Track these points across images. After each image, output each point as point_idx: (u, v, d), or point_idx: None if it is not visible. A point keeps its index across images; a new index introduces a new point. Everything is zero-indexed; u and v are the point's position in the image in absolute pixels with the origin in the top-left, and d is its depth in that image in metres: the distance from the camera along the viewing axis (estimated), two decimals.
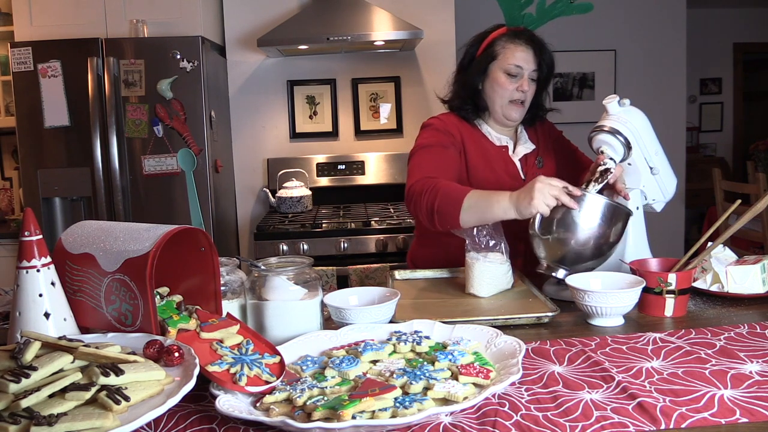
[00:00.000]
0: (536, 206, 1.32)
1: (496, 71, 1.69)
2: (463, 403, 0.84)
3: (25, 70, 2.87)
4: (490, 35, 1.74)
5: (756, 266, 1.37)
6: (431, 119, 1.78)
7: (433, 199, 1.49)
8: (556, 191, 1.33)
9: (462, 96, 1.76)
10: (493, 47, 1.71)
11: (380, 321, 1.19)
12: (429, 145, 1.68)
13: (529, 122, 1.82)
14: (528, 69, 1.68)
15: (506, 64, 1.68)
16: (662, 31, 4.38)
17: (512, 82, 1.68)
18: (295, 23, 3.13)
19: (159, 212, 2.93)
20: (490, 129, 1.78)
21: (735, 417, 0.83)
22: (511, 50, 1.68)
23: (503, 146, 1.77)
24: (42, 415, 0.74)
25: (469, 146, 1.72)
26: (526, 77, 1.68)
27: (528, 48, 1.68)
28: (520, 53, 1.67)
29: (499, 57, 1.69)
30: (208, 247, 1.09)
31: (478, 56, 1.74)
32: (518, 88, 1.68)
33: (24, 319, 1.01)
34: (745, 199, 1.90)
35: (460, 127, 1.74)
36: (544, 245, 1.41)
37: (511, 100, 1.69)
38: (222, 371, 0.92)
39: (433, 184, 1.51)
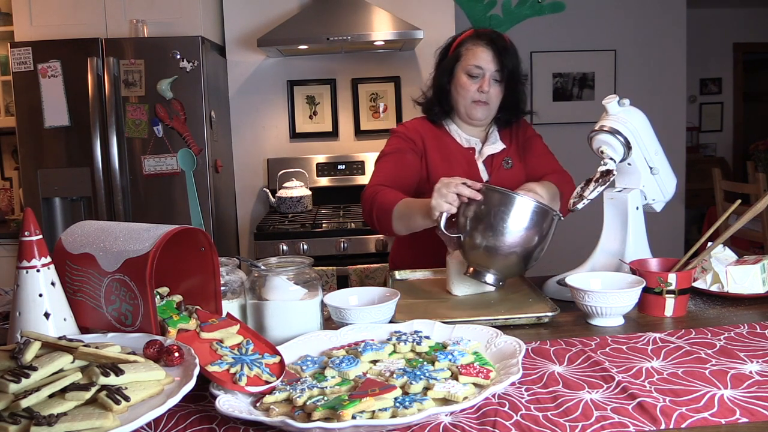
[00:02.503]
0: (436, 207, 1.36)
1: (459, 72, 1.73)
2: (463, 403, 0.84)
3: (25, 70, 2.87)
4: (459, 37, 1.77)
5: (756, 266, 1.37)
6: (398, 126, 1.84)
7: (371, 208, 1.63)
8: (454, 188, 1.34)
9: (431, 98, 1.81)
10: (458, 49, 1.75)
11: (380, 321, 1.19)
12: (389, 152, 1.77)
13: (503, 124, 1.82)
14: (489, 69, 1.69)
15: (467, 65, 1.71)
16: (662, 31, 4.38)
17: (473, 82, 1.71)
18: (295, 23, 3.13)
19: (159, 212, 2.93)
20: (460, 130, 1.80)
21: (735, 417, 0.83)
22: (472, 51, 1.71)
23: (470, 148, 1.78)
24: (42, 415, 0.74)
25: (431, 150, 1.76)
26: (487, 78, 1.70)
27: (488, 49, 1.69)
28: (481, 54, 1.70)
29: (462, 58, 1.73)
30: (208, 247, 1.09)
31: (447, 58, 1.78)
32: (479, 88, 1.70)
33: (24, 319, 1.01)
34: (745, 199, 1.90)
35: (424, 132, 1.79)
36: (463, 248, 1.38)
37: (474, 100, 1.72)
38: (222, 371, 0.92)
39: (374, 194, 1.63)
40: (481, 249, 1.33)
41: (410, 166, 1.75)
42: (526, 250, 1.32)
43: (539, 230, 1.32)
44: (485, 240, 1.31)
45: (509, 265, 1.34)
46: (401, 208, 1.55)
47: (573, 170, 1.90)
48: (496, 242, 1.31)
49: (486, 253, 1.33)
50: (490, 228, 1.31)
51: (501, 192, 1.33)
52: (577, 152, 3.21)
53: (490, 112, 1.76)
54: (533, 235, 1.31)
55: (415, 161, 1.75)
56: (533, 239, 1.31)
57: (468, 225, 1.34)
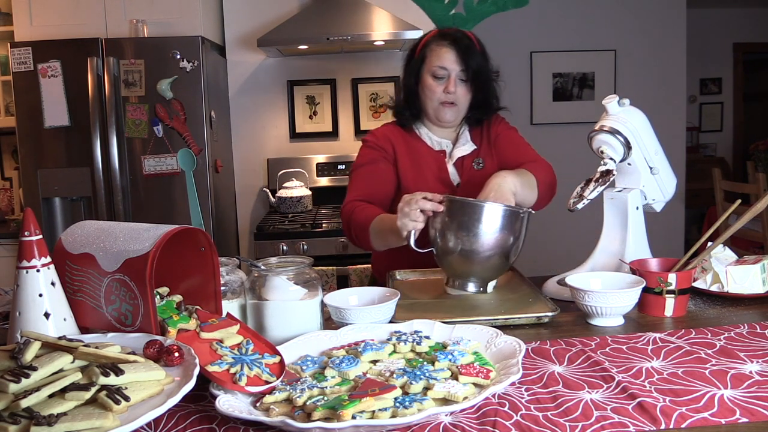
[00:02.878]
0: (402, 227, 1.36)
1: (425, 74, 1.71)
2: (463, 403, 0.84)
3: (25, 70, 2.87)
4: (424, 38, 1.75)
5: (756, 266, 1.37)
6: (368, 135, 1.83)
7: (349, 226, 1.65)
8: (415, 204, 1.34)
9: (402, 101, 1.79)
10: (423, 50, 1.72)
11: (380, 321, 1.19)
12: (362, 164, 1.76)
13: (474, 122, 1.80)
14: (454, 70, 1.67)
15: (432, 66, 1.69)
16: (662, 31, 4.39)
17: (439, 84, 1.69)
18: (295, 23, 3.13)
19: (159, 212, 2.93)
20: (431, 133, 1.78)
21: (735, 417, 0.83)
22: (436, 52, 1.69)
23: (441, 151, 1.76)
24: (42, 415, 0.74)
25: (401, 157, 1.75)
26: (452, 78, 1.68)
27: (452, 49, 1.67)
28: (445, 54, 1.67)
29: (426, 59, 1.71)
30: (208, 247, 1.09)
31: (413, 59, 1.76)
32: (445, 89, 1.68)
33: (24, 319, 1.01)
34: (745, 199, 1.90)
35: (394, 139, 1.77)
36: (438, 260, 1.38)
37: (441, 101, 1.70)
38: (222, 371, 0.92)
39: (351, 211, 1.64)
40: (456, 260, 1.33)
41: (384, 176, 1.73)
42: (502, 253, 1.31)
43: (511, 232, 1.31)
44: (457, 251, 1.31)
45: (487, 270, 1.34)
46: (376, 226, 1.56)
47: (573, 170, 1.90)
48: (469, 252, 1.30)
49: (461, 264, 1.33)
50: (460, 239, 1.30)
51: (464, 202, 1.31)
52: (577, 152, 3.21)
53: (459, 112, 1.74)
54: (506, 238, 1.30)
55: (388, 170, 1.74)
56: (507, 241, 1.31)
57: (438, 238, 1.34)
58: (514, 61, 4.37)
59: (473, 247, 1.29)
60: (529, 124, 4.46)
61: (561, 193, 1.74)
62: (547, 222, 4.29)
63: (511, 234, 1.30)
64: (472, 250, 1.29)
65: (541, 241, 4.22)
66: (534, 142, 1.82)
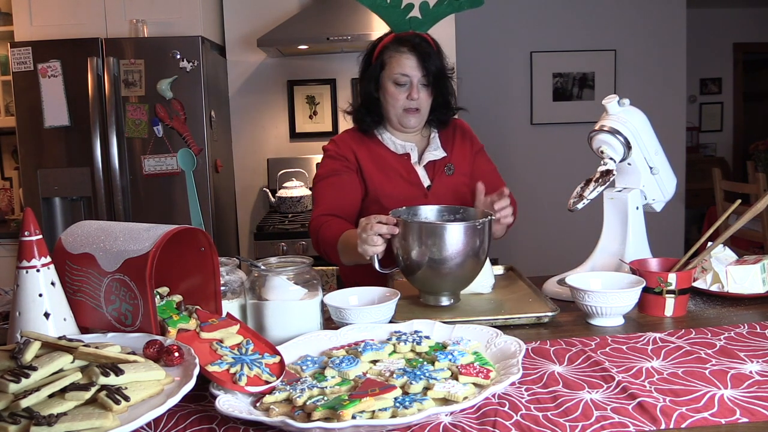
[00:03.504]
0: (364, 252, 1.36)
1: (386, 81, 1.69)
2: (463, 403, 0.84)
3: (25, 70, 2.87)
4: (381, 43, 1.72)
5: (756, 266, 1.37)
6: (328, 144, 1.81)
7: (317, 242, 1.66)
8: (371, 230, 1.33)
9: (361, 107, 1.77)
10: (381, 56, 1.70)
11: (380, 321, 1.19)
12: (325, 175, 1.74)
13: (440, 125, 1.79)
14: (416, 76, 1.66)
15: (393, 73, 1.67)
16: (662, 31, 4.38)
17: (402, 91, 1.67)
18: (295, 23, 3.13)
19: (159, 212, 2.93)
20: (393, 138, 1.76)
21: (735, 417, 0.83)
22: (396, 59, 1.67)
23: (405, 154, 1.75)
24: (42, 415, 0.74)
25: (365, 163, 1.73)
26: (415, 84, 1.66)
27: (412, 55, 1.65)
28: (405, 61, 1.65)
29: (387, 67, 1.69)
30: (208, 247, 1.09)
31: (371, 65, 1.73)
32: (408, 96, 1.67)
33: (24, 319, 1.01)
34: (745, 199, 1.90)
35: (355, 146, 1.76)
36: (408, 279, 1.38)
37: (405, 108, 1.69)
38: (222, 371, 0.92)
39: (318, 227, 1.64)
40: (423, 278, 1.32)
41: (349, 186, 1.71)
42: (468, 263, 1.29)
43: (473, 243, 1.28)
44: (423, 268, 1.30)
45: (456, 281, 1.33)
46: (342, 244, 1.56)
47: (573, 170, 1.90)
48: (435, 270, 1.29)
49: (430, 281, 1.33)
50: (423, 258, 1.29)
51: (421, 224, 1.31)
52: (577, 152, 3.21)
53: (423, 117, 1.72)
54: (469, 251, 1.28)
55: (352, 180, 1.72)
56: (471, 253, 1.28)
57: (401, 259, 1.33)
58: (514, 61, 4.37)
59: (438, 266, 1.28)
60: (529, 124, 4.46)
61: (561, 193, 1.73)
62: (547, 222, 4.30)
63: (473, 245, 1.28)
64: (437, 268, 1.28)
65: (541, 241, 4.23)
66: (534, 142, 1.82)
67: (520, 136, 4.44)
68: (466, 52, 4.00)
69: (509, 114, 4.44)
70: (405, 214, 1.42)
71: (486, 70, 4.31)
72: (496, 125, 4.37)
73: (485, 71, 4.31)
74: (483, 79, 4.30)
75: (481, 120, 4.41)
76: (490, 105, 4.36)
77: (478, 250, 1.30)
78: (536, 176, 4.40)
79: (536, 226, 4.19)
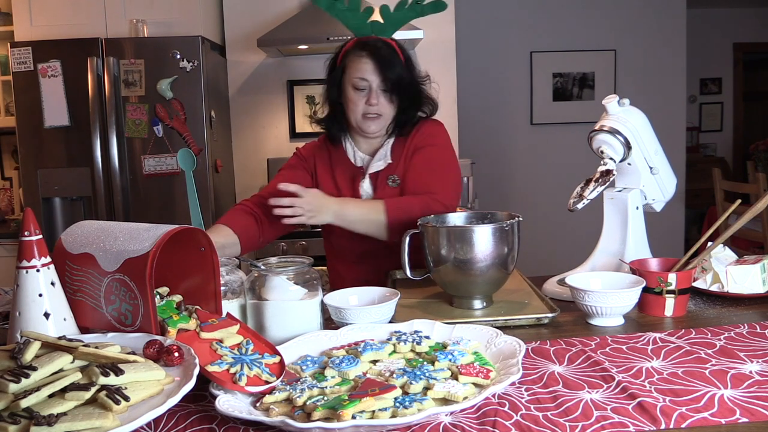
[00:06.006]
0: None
1: (346, 86, 1.66)
2: (463, 403, 0.84)
3: (25, 70, 2.87)
4: (344, 47, 1.70)
5: (756, 266, 1.37)
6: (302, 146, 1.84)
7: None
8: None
9: (327, 115, 1.75)
10: (344, 61, 1.68)
11: (380, 321, 1.19)
12: (283, 168, 1.79)
13: (399, 131, 1.72)
14: (374, 81, 1.63)
15: (352, 77, 1.64)
16: (662, 31, 4.39)
17: (361, 96, 1.64)
18: (295, 23, 3.13)
19: (159, 212, 2.93)
20: (355, 146, 1.74)
21: (735, 417, 0.83)
22: (355, 63, 1.64)
23: (360, 167, 1.72)
24: (42, 415, 0.74)
25: (321, 172, 1.75)
26: (374, 90, 1.63)
27: (370, 60, 1.62)
28: (363, 65, 1.63)
29: (347, 71, 1.66)
30: (208, 247, 1.09)
31: (334, 70, 1.71)
32: (367, 102, 1.64)
33: (24, 319, 1.01)
34: (745, 199, 1.90)
35: (318, 153, 1.77)
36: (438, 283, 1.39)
37: (363, 114, 1.65)
38: (222, 371, 0.92)
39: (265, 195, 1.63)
40: (455, 283, 1.34)
41: (298, 180, 1.64)
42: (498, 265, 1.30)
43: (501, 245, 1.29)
44: (454, 274, 1.31)
45: (488, 284, 1.34)
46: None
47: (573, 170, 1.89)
48: (465, 273, 1.30)
49: (462, 285, 1.33)
50: (453, 263, 1.30)
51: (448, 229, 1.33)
52: (577, 152, 3.22)
53: (384, 123, 1.68)
54: (497, 252, 1.29)
55: (305, 178, 1.73)
56: (499, 254, 1.29)
57: (432, 265, 1.34)
58: (514, 61, 4.37)
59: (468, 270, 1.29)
60: (529, 124, 4.46)
61: (561, 193, 1.73)
62: (547, 222, 4.30)
63: (501, 247, 1.30)
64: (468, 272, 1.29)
65: (541, 241, 4.23)
66: (534, 142, 1.81)
67: (520, 136, 4.44)
68: (466, 52, 4.00)
69: (509, 114, 4.44)
70: (434, 221, 1.43)
71: (486, 70, 4.31)
72: (496, 125, 4.38)
73: (485, 71, 4.31)
74: (483, 79, 4.30)
75: (481, 120, 4.42)
76: (490, 105, 4.37)
77: (506, 252, 1.31)
78: (536, 176, 4.40)
79: (536, 226, 4.19)
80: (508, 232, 1.31)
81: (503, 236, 1.30)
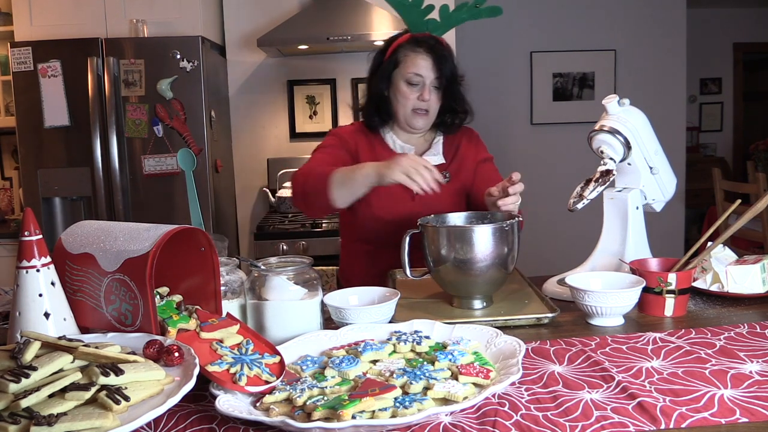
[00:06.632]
0: (391, 175, 1.37)
1: (398, 80, 1.69)
2: (463, 403, 0.84)
3: (25, 70, 2.87)
4: (395, 41, 1.72)
5: (756, 266, 1.37)
6: (333, 130, 1.82)
7: (304, 181, 1.58)
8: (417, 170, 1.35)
9: (370, 104, 1.76)
10: (396, 54, 1.69)
11: (380, 321, 1.19)
12: (325, 146, 1.75)
13: (446, 128, 1.78)
14: (429, 77, 1.66)
15: (407, 72, 1.66)
16: (662, 31, 4.39)
17: (414, 91, 1.67)
18: (295, 23, 3.13)
19: (159, 212, 2.93)
20: (396, 137, 1.77)
21: (735, 417, 0.83)
22: (411, 58, 1.66)
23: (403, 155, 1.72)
24: (42, 415, 0.74)
25: (363, 155, 1.73)
26: (427, 86, 1.66)
27: (428, 56, 1.65)
28: (421, 61, 1.65)
29: (401, 65, 1.68)
30: (208, 247, 1.09)
31: (384, 63, 1.72)
32: (420, 97, 1.66)
33: (24, 319, 1.01)
34: (745, 199, 1.90)
35: (357, 138, 1.76)
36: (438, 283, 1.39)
37: (414, 109, 1.68)
38: (222, 371, 0.92)
39: (306, 171, 1.61)
40: (455, 282, 1.34)
41: (341, 158, 1.69)
42: (498, 264, 1.31)
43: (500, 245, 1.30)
44: (454, 274, 1.32)
45: (488, 284, 1.34)
46: (341, 173, 1.50)
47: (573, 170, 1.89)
48: (466, 273, 1.30)
49: (462, 284, 1.34)
50: (453, 262, 1.30)
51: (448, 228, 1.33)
52: (577, 152, 3.21)
53: (430, 120, 1.72)
54: (497, 252, 1.30)
55: (346, 157, 1.72)
56: (499, 254, 1.30)
57: (433, 265, 1.34)
58: (514, 61, 4.37)
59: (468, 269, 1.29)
60: (529, 124, 4.46)
61: (561, 193, 1.73)
62: (547, 222, 4.30)
63: (501, 247, 1.30)
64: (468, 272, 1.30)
65: (541, 241, 4.23)
66: (534, 142, 1.81)
67: (520, 136, 4.44)
68: (466, 52, 4.00)
69: (509, 114, 4.44)
70: (434, 222, 1.44)
71: (486, 70, 4.30)
72: (496, 125, 4.37)
73: (485, 71, 4.30)
74: (483, 79, 4.30)
75: (481, 120, 4.41)
76: (490, 105, 4.36)
77: (506, 252, 1.31)
78: (536, 176, 4.39)
79: (536, 226, 4.19)
80: (508, 232, 1.31)
81: (503, 236, 1.30)
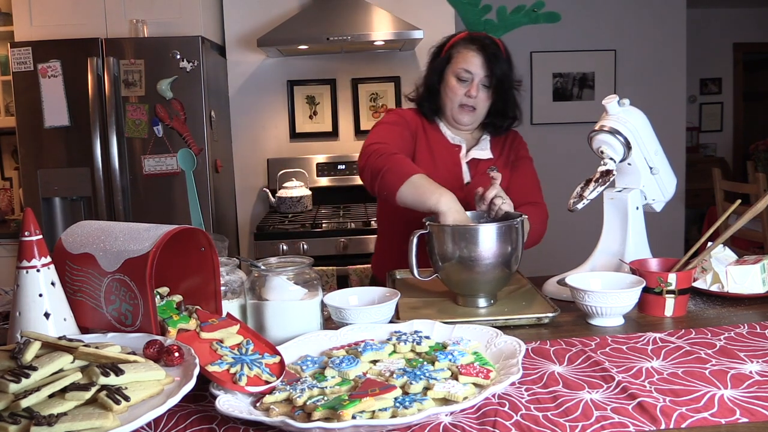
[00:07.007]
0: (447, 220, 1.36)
1: (448, 75, 1.72)
2: (463, 403, 0.84)
3: (25, 70, 2.87)
4: (452, 38, 1.76)
5: (756, 266, 1.37)
6: (396, 109, 1.84)
7: (384, 163, 1.53)
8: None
9: (422, 96, 1.80)
10: (450, 51, 1.73)
11: (380, 321, 1.19)
12: (390, 122, 1.75)
13: (494, 130, 1.80)
14: (478, 75, 1.68)
15: (457, 68, 1.69)
16: (662, 31, 4.38)
17: (462, 86, 1.70)
18: (295, 23, 3.13)
19: (159, 212, 2.93)
20: (447, 129, 1.80)
21: (735, 417, 0.83)
22: (462, 55, 1.69)
23: (457, 145, 1.78)
24: (42, 415, 0.74)
25: (421, 138, 1.76)
26: (476, 83, 1.68)
27: (479, 54, 1.67)
28: (471, 58, 1.68)
29: (452, 61, 1.71)
30: (208, 247, 1.09)
31: (439, 58, 1.76)
32: (467, 93, 1.69)
33: (24, 319, 1.01)
34: (745, 199, 1.90)
35: (416, 122, 1.79)
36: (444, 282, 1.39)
37: (461, 104, 1.71)
38: (222, 371, 0.92)
39: (390, 151, 1.56)
40: (460, 281, 1.34)
41: (407, 139, 1.72)
42: (503, 265, 1.32)
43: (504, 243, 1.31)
44: (459, 272, 1.32)
45: (492, 282, 1.34)
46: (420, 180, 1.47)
47: (573, 170, 1.89)
48: (470, 271, 1.31)
49: (466, 283, 1.34)
50: (457, 261, 1.31)
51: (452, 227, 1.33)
52: (577, 152, 3.21)
53: (477, 117, 1.75)
54: (500, 250, 1.31)
55: (409, 139, 1.74)
56: (502, 252, 1.31)
57: (439, 264, 1.35)
58: (514, 61, 4.36)
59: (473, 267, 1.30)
60: (529, 124, 4.45)
61: (561, 193, 1.73)
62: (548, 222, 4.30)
63: (504, 245, 1.31)
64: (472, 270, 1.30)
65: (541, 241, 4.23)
66: (534, 142, 1.82)
67: None
68: None
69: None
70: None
71: None
72: None
73: None
74: None
75: None
76: None
77: (510, 250, 1.32)
78: None
79: None
80: (513, 230, 1.32)
81: (508, 235, 1.31)
